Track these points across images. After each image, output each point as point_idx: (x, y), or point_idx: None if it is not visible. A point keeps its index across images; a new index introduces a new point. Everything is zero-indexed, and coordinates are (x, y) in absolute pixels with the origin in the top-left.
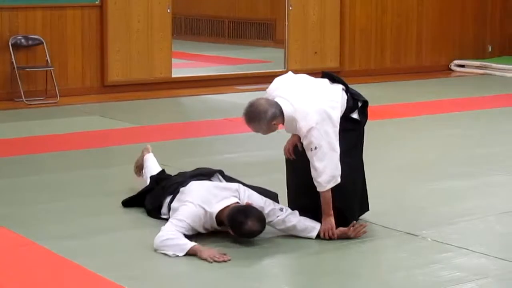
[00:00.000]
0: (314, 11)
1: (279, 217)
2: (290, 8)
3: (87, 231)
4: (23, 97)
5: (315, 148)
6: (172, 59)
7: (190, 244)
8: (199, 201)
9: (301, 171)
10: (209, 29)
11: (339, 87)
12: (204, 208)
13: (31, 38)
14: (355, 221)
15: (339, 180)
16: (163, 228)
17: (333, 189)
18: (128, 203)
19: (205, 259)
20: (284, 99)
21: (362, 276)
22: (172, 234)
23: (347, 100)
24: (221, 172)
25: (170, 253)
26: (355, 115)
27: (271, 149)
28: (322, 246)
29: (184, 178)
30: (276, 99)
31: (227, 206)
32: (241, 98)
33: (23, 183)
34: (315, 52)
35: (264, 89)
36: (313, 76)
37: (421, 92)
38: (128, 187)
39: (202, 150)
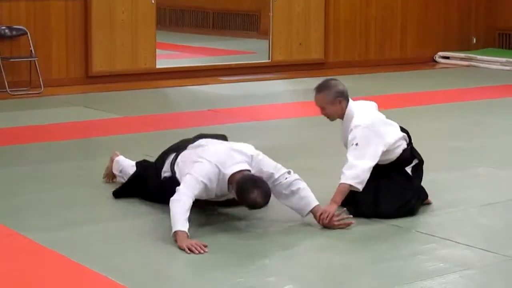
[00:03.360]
0: (298, 2)
1: (287, 179)
2: (275, 0)
3: (70, 222)
4: (7, 87)
5: (356, 144)
6: (156, 50)
7: (181, 227)
8: (215, 160)
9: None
10: (194, 20)
11: (402, 133)
12: (219, 168)
13: (15, 28)
14: (345, 209)
15: (360, 188)
16: (180, 188)
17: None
18: (118, 193)
19: (183, 249)
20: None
21: (346, 267)
22: (184, 206)
23: (404, 150)
24: (224, 138)
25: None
26: (409, 170)
27: (256, 139)
28: (306, 237)
29: (187, 143)
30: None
31: (240, 171)
32: (226, 89)
33: (7, 173)
34: (300, 44)
35: (249, 80)
36: None
37: (405, 84)
38: None
39: None
